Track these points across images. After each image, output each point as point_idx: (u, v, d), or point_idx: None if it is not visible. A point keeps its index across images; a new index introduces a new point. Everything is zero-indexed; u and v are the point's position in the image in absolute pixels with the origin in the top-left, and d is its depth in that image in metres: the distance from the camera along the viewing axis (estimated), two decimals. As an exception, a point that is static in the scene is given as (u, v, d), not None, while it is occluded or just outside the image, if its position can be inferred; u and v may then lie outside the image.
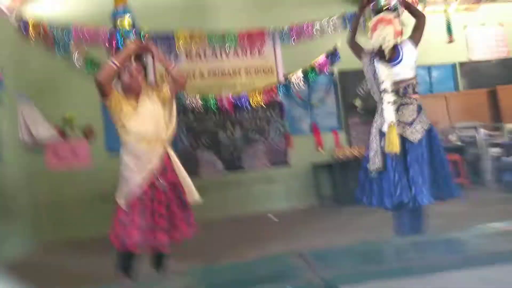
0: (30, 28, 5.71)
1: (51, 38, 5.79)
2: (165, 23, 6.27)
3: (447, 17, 6.79)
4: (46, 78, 5.78)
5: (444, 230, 2.87)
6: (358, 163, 5.90)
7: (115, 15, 2.37)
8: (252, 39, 6.64)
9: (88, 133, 5.89)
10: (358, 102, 6.90)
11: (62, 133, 5.76)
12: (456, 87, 7.47)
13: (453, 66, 7.47)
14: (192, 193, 2.34)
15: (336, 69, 6.88)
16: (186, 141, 6.38)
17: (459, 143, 6.55)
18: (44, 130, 5.55)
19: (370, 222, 4.14)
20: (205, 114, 6.48)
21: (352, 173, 6.31)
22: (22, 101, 5.36)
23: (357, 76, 6.85)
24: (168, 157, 2.33)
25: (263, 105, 6.60)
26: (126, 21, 2.32)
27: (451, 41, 6.68)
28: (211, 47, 6.52)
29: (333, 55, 6.78)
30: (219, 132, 6.52)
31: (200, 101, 6.32)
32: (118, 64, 2.20)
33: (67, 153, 5.79)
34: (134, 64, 2.27)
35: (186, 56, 6.50)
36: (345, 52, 6.70)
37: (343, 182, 6.56)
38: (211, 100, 6.35)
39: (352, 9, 6.79)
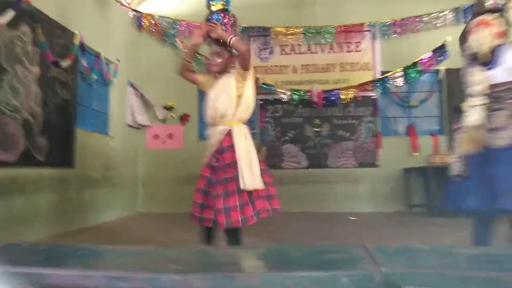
0: (144, 21, 6.35)
1: (161, 30, 6.35)
2: (262, 19, 6.40)
3: None
4: (154, 69, 6.36)
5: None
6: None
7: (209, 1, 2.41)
8: (349, 34, 6.39)
9: (184, 120, 6.38)
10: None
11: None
12: None
13: None
14: (243, 179, 2.08)
15: (443, 67, 6.25)
16: (273, 133, 6.44)
17: None
18: (143, 118, 6.17)
19: (465, 236, 3.66)
20: (294, 108, 6.45)
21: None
22: (132, 88, 5.99)
23: (467, 75, 6.15)
24: (230, 138, 2.19)
25: (355, 102, 6.32)
26: (215, 6, 2.34)
27: None
28: (307, 42, 6.44)
29: (440, 51, 6.18)
30: (306, 127, 6.43)
31: (289, 93, 6.30)
32: (186, 59, 2.38)
33: (165, 135, 6.36)
34: (213, 47, 2.30)
35: (281, 50, 6.53)
36: (455, 48, 6.07)
37: (438, 191, 5.96)
38: (302, 93, 6.28)
39: (468, 1, 6.11)
